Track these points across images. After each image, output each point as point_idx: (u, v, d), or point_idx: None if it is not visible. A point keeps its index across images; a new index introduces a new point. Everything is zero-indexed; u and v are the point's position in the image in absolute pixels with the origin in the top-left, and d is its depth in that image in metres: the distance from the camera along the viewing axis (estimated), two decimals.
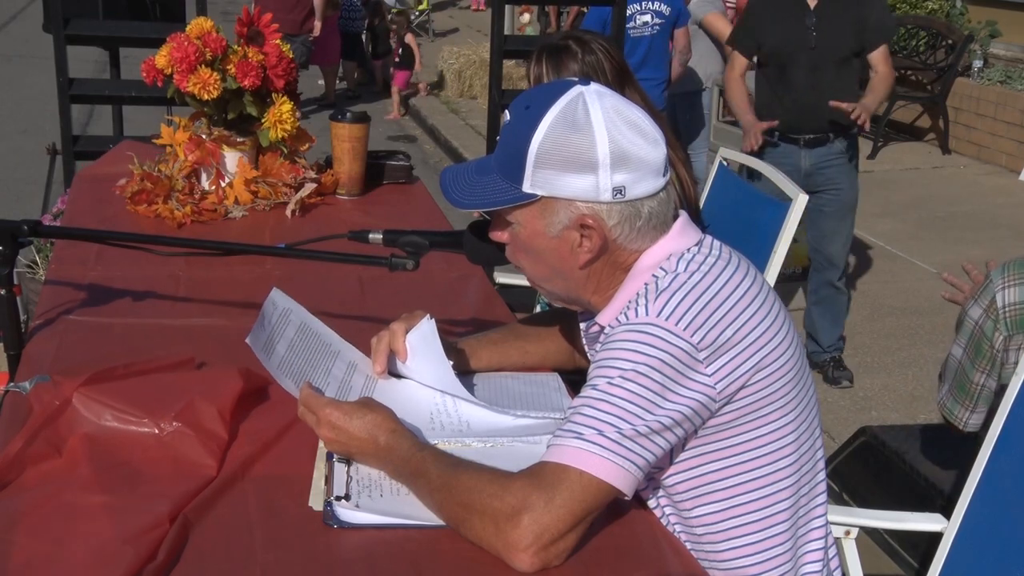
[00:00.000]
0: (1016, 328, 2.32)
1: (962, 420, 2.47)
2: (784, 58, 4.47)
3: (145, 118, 5.19)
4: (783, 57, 4.48)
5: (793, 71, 4.45)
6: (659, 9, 5.74)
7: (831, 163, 4.50)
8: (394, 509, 1.44)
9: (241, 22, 2.69)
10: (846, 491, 3.25)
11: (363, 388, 1.73)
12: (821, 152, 4.48)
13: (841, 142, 4.50)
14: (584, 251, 1.51)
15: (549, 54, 2.57)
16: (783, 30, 4.46)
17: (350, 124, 2.81)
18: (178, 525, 1.37)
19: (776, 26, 4.48)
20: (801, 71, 4.43)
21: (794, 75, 4.45)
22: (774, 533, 1.55)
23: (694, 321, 1.43)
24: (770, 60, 4.53)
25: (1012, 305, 2.32)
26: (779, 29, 4.47)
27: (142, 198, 2.61)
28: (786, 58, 4.47)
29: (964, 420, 2.47)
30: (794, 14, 4.43)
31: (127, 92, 4.26)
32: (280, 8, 8.72)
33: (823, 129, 4.45)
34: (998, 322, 2.34)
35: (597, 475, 1.36)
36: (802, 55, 4.42)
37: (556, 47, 2.56)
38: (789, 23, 4.44)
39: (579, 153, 1.46)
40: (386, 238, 1.91)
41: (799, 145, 4.47)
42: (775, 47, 4.50)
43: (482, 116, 8.90)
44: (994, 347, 2.35)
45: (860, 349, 5.06)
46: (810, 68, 4.42)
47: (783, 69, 4.48)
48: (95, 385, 1.60)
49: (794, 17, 4.43)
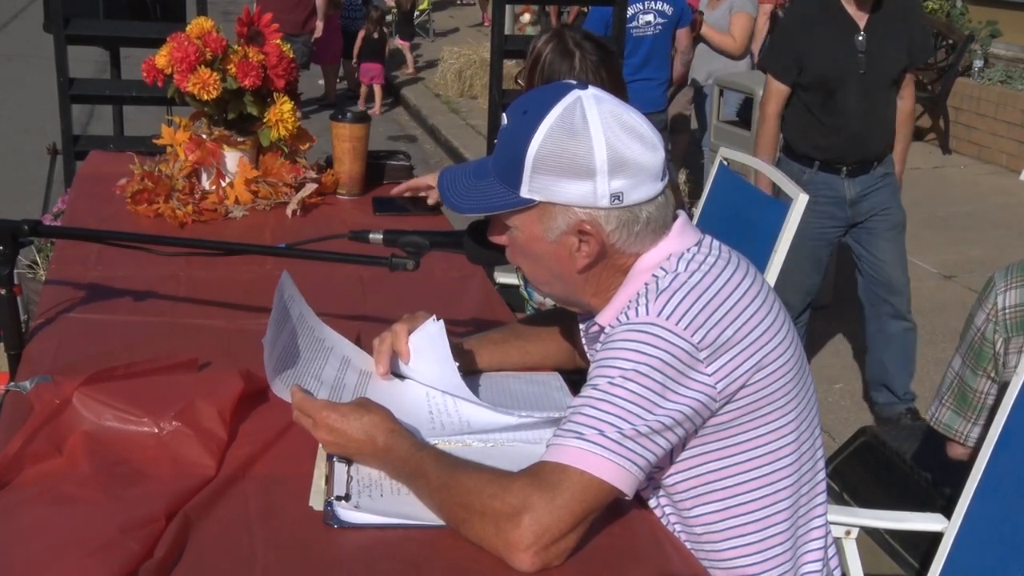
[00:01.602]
0: (1016, 330, 2.32)
1: (963, 434, 2.45)
2: (832, 84, 3.95)
3: (145, 118, 5.19)
4: (831, 83, 3.95)
5: (842, 98, 3.95)
6: (661, 9, 5.73)
7: (875, 188, 4.10)
8: (394, 509, 1.44)
9: (241, 22, 2.69)
10: (846, 491, 3.25)
11: (356, 385, 1.74)
12: (865, 180, 4.07)
13: (883, 165, 4.11)
14: (582, 256, 1.51)
15: (558, 45, 2.56)
16: (831, 53, 3.93)
17: (350, 124, 2.81)
18: (178, 524, 1.37)
19: (822, 48, 3.94)
20: (852, 97, 3.94)
21: (843, 102, 3.96)
22: (774, 532, 1.55)
23: (694, 321, 1.43)
24: (814, 86, 4.01)
25: (1012, 307, 2.32)
26: (826, 52, 3.94)
27: (142, 198, 2.61)
28: (835, 83, 3.95)
29: (965, 433, 2.45)
30: (842, 35, 3.91)
31: (127, 92, 4.26)
32: (282, 8, 8.72)
33: (869, 157, 4.05)
34: (998, 324, 2.34)
35: (598, 475, 1.36)
36: (852, 81, 3.92)
37: (566, 51, 2.55)
38: (837, 45, 3.92)
39: (577, 159, 1.45)
40: (386, 238, 1.91)
41: (841, 175, 4.05)
42: (821, 72, 3.96)
43: (482, 116, 8.90)
44: (995, 350, 2.35)
45: (860, 348, 5.06)
46: (861, 94, 3.94)
47: (830, 96, 3.98)
48: (95, 385, 1.60)
49: (842, 38, 3.91)
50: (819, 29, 3.95)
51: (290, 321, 1.75)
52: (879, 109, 4.00)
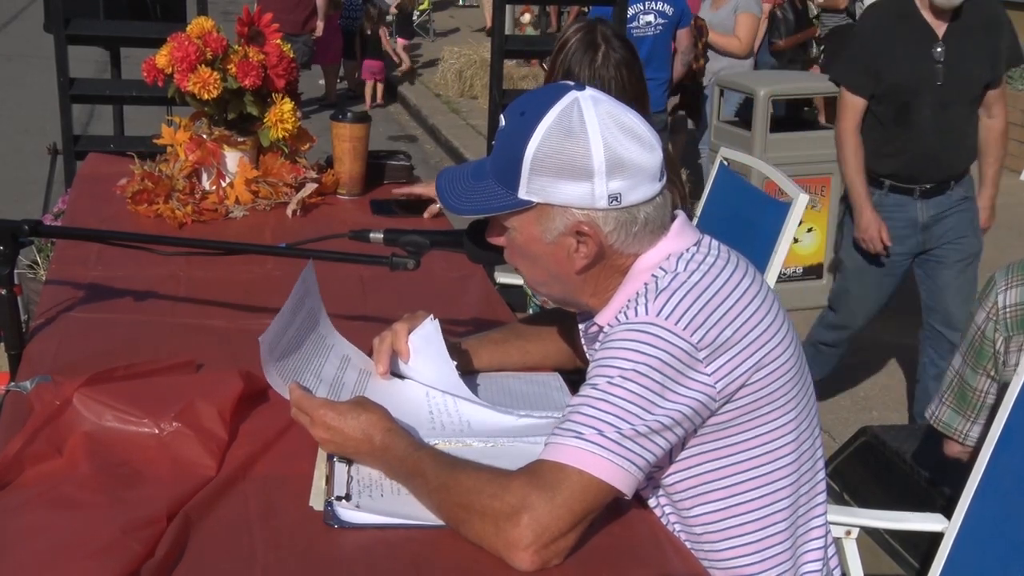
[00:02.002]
0: (1016, 329, 2.32)
1: (962, 433, 2.45)
2: (906, 95, 3.70)
3: (146, 118, 5.18)
4: (905, 94, 3.71)
5: (917, 110, 3.70)
6: (662, 9, 5.74)
7: (951, 212, 3.81)
8: (395, 509, 1.44)
9: (241, 22, 2.70)
10: (847, 491, 3.25)
11: (356, 385, 1.74)
12: (940, 202, 3.79)
13: (961, 187, 3.82)
14: (580, 257, 1.51)
15: (586, 36, 2.56)
16: (907, 62, 3.68)
17: (351, 124, 2.81)
18: (179, 524, 1.37)
19: (897, 57, 3.70)
20: (926, 110, 3.69)
21: (918, 115, 3.70)
22: (773, 532, 1.55)
23: (694, 320, 1.43)
24: (887, 97, 3.75)
25: (1012, 306, 2.33)
26: (901, 60, 3.69)
27: (143, 198, 2.61)
28: (909, 95, 3.70)
29: (964, 432, 2.44)
30: (920, 43, 3.66)
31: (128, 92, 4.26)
32: (282, 8, 8.72)
33: (944, 178, 3.76)
34: (998, 323, 2.34)
35: (597, 475, 1.36)
36: (928, 92, 3.67)
37: (593, 43, 2.55)
38: (914, 54, 3.67)
39: (574, 160, 1.45)
40: (387, 238, 1.91)
41: (913, 196, 3.78)
42: (895, 82, 3.71)
43: (482, 116, 8.90)
44: (995, 348, 2.35)
45: (861, 348, 5.06)
46: (937, 108, 3.68)
47: (904, 108, 3.72)
48: (95, 385, 1.60)
49: (920, 46, 3.66)
50: (895, 37, 3.71)
51: (303, 311, 1.75)
52: (957, 125, 3.73)
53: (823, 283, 5.53)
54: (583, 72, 2.54)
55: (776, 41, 7.45)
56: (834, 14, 8.14)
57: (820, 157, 5.42)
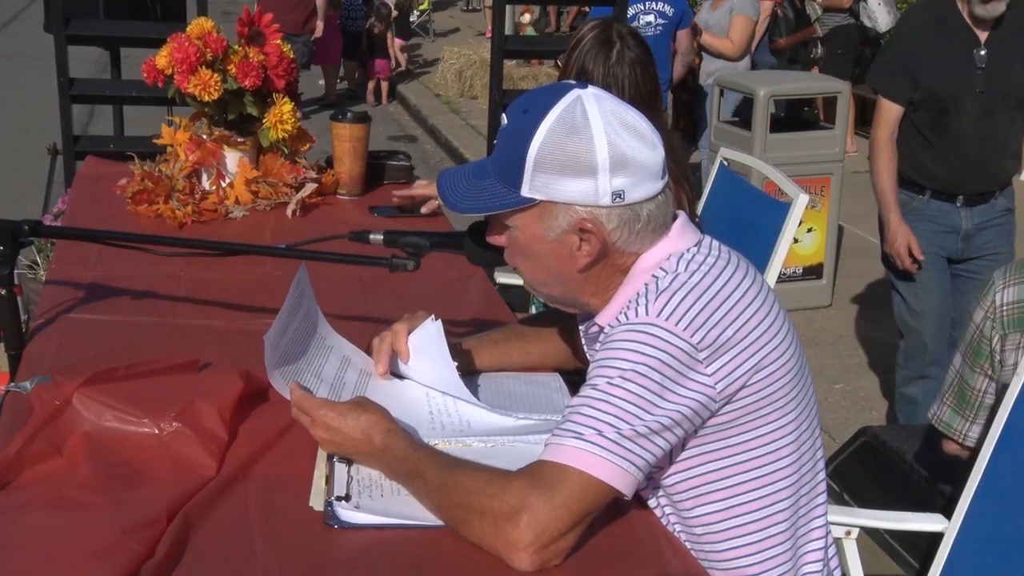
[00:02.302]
0: (1012, 327, 2.33)
1: (961, 433, 2.45)
2: (945, 102, 3.55)
3: (146, 118, 5.18)
4: (944, 100, 3.56)
5: (956, 118, 3.55)
6: (662, 9, 5.77)
7: (993, 223, 3.67)
8: (395, 509, 1.44)
9: (242, 22, 2.70)
10: (847, 491, 3.25)
11: (356, 385, 1.74)
12: (983, 210, 3.65)
13: (1005, 197, 3.68)
14: (583, 255, 1.51)
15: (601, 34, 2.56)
16: (947, 68, 3.54)
17: (351, 124, 2.81)
18: (179, 524, 1.37)
19: (936, 61, 3.55)
20: (967, 118, 3.54)
21: (957, 123, 3.55)
22: (774, 533, 1.55)
23: (694, 321, 1.43)
24: (925, 103, 3.61)
25: (1010, 304, 2.33)
26: (941, 66, 3.55)
27: (143, 198, 2.61)
28: (948, 101, 3.55)
29: (963, 432, 2.45)
30: (960, 47, 3.52)
31: (128, 92, 4.26)
32: (282, 8, 8.72)
33: (988, 187, 3.62)
34: (995, 321, 2.34)
35: (596, 475, 1.36)
36: (968, 99, 3.53)
37: (608, 41, 2.55)
38: (954, 59, 3.53)
39: (578, 157, 1.46)
40: (387, 239, 1.91)
41: (956, 204, 3.63)
42: (933, 88, 3.56)
43: (482, 116, 8.90)
44: (992, 347, 2.35)
45: (861, 348, 5.06)
46: (978, 115, 3.54)
47: (943, 115, 3.57)
48: (95, 385, 1.60)
49: (960, 50, 3.52)
50: (934, 40, 3.57)
51: (299, 314, 1.75)
52: (999, 132, 3.59)
53: (823, 283, 5.53)
54: (597, 69, 2.53)
55: (777, 39, 7.47)
56: (836, 13, 8.14)
57: (820, 157, 5.43)
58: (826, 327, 5.30)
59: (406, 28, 12.92)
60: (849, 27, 8.16)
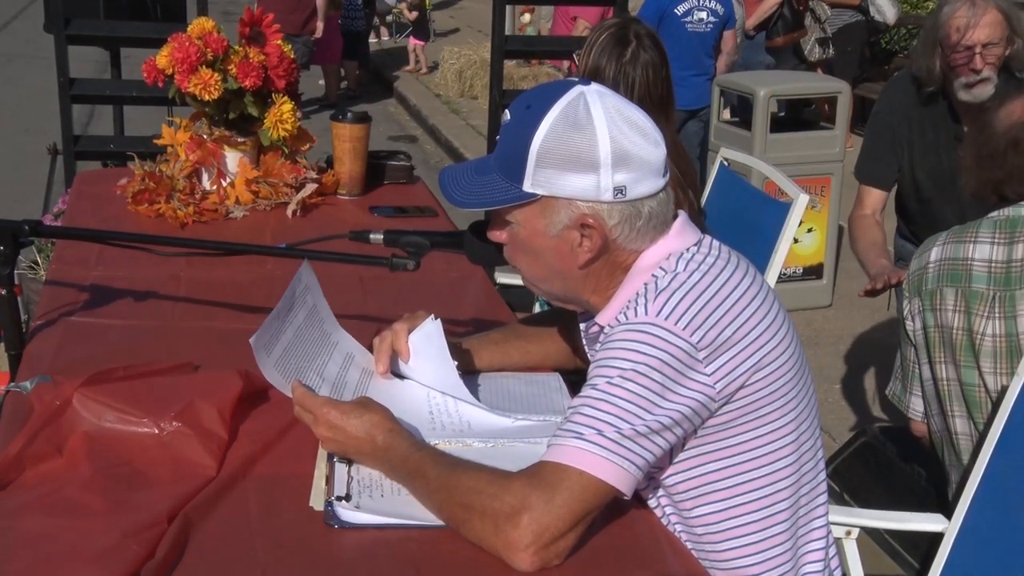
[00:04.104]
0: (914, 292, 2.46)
1: (906, 404, 2.58)
2: (929, 192, 3.23)
3: (146, 118, 5.18)
4: (927, 191, 3.24)
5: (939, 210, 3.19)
6: (714, 8, 5.97)
7: None
8: (395, 509, 1.44)
9: (243, 22, 2.70)
10: (847, 491, 3.25)
11: (358, 384, 1.74)
12: None
13: None
14: (584, 251, 1.51)
15: (618, 31, 2.56)
16: (926, 156, 3.20)
17: (351, 124, 2.81)
18: (179, 524, 1.37)
19: (918, 151, 3.22)
20: (949, 210, 3.12)
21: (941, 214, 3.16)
22: (774, 533, 1.55)
23: (693, 320, 1.43)
24: (908, 189, 3.31)
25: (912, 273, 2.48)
26: (920, 154, 3.21)
27: (143, 198, 2.61)
28: (931, 192, 3.23)
29: (907, 404, 2.57)
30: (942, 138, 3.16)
31: (128, 92, 4.27)
32: (282, 8, 8.71)
33: None
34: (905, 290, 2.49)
35: (596, 475, 1.36)
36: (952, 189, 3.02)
37: (624, 38, 2.55)
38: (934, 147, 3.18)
39: (580, 152, 1.46)
40: (387, 238, 1.91)
41: None
42: (917, 179, 3.24)
43: (483, 116, 8.89)
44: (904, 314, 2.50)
45: (861, 348, 5.06)
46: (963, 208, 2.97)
47: (927, 205, 3.26)
48: (95, 386, 1.60)
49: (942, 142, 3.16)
50: (914, 127, 3.22)
51: (302, 310, 1.74)
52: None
53: (823, 283, 5.53)
54: (609, 67, 2.52)
55: (775, 38, 7.49)
56: (844, 11, 8.11)
57: (820, 157, 5.42)
58: (826, 327, 5.30)
59: (425, 29, 12.87)
60: (858, 24, 8.15)
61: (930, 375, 2.46)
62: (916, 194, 3.28)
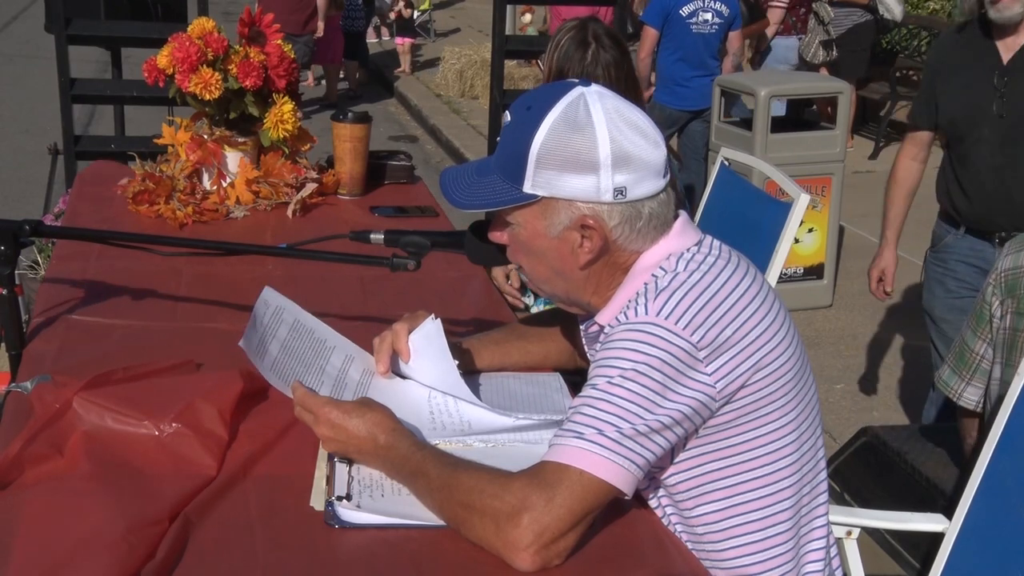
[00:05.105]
0: (1006, 292, 2.42)
1: (957, 392, 2.56)
2: (961, 129, 3.27)
3: (146, 118, 5.19)
4: (960, 128, 3.28)
5: (974, 147, 3.25)
6: (719, 9, 6.02)
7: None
8: (395, 509, 1.44)
9: (243, 22, 2.70)
10: (847, 491, 3.25)
11: (359, 384, 1.74)
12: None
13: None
14: (585, 251, 1.51)
15: (577, 35, 2.58)
16: (964, 93, 3.26)
17: (351, 124, 2.81)
18: (179, 524, 1.37)
19: (955, 87, 3.29)
20: (984, 146, 3.21)
21: (975, 153, 3.24)
22: (775, 533, 1.55)
23: (694, 320, 1.43)
24: (946, 132, 3.36)
25: (1008, 270, 2.42)
26: (959, 91, 3.28)
27: (143, 198, 2.61)
28: (964, 129, 3.27)
29: (959, 392, 2.55)
30: (979, 70, 3.22)
31: (128, 92, 4.27)
32: (283, 8, 8.72)
33: (1015, 224, 3.15)
34: (996, 287, 2.44)
35: (597, 474, 1.36)
36: (985, 126, 3.20)
37: (583, 42, 2.57)
38: (972, 83, 3.24)
39: (580, 153, 1.46)
40: (387, 238, 1.91)
41: (992, 243, 3.24)
42: (952, 115, 3.29)
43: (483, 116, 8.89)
44: (991, 311, 2.45)
45: (861, 348, 5.06)
46: (997, 143, 3.19)
47: (959, 144, 3.30)
48: (95, 389, 1.60)
49: (979, 74, 3.22)
50: (955, 64, 3.32)
51: (282, 327, 1.75)
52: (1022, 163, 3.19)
53: (824, 283, 5.53)
54: (572, 70, 2.55)
55: None
56: (853, 10, 8.05)
57: (821, 157, 5.43)
58: (827, 327, 5.30)
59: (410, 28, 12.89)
60: (867, 24, 8.12)
61: (1000, 376, 2.43)
62: (953, 134, 3.32)
